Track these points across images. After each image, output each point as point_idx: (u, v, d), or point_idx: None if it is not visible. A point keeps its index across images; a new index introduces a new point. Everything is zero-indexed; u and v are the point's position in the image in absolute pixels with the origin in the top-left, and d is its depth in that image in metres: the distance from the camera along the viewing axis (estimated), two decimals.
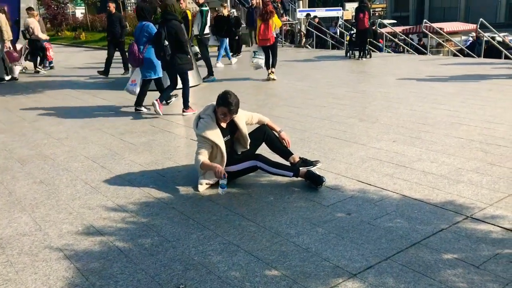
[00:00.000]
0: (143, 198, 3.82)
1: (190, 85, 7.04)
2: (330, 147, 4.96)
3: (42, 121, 6.86)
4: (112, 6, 11.31)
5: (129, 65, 9.88)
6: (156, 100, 6.72)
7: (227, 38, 12.98)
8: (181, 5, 10.46)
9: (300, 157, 4.21)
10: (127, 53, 8.28)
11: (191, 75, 9.17)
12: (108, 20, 11.57)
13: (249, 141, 4.11)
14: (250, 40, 15.90)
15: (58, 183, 4.27)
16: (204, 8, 10.32)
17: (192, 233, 3.16)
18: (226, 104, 3.77)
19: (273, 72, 9.83)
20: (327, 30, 18.59)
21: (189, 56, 6.81)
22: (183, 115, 6.87)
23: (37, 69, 12.50)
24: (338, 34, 19.66)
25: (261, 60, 9.66)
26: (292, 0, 21.31)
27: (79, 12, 27.41)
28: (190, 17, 10.42)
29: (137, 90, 7.22)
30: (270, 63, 9.79)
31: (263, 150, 4.23)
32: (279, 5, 21.77)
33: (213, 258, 2.82)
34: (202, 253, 2.88)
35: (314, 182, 3.85)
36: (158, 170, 4.48)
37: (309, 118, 6.28)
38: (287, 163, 4.11)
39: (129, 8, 27.39)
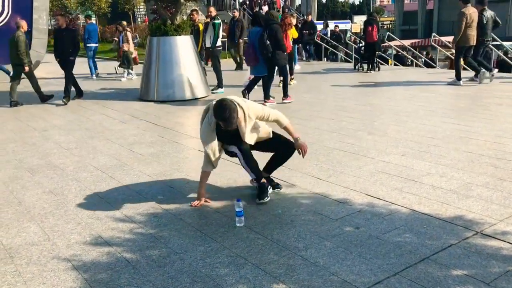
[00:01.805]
0: (151, 209, 3.83)
1: (196, 96, 8.78)
2: (339, 160, 4.95)
3: (51, 130, 6.92)
4: (61, 20, 9.69)
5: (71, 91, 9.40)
6: (265, 101, 8.29)
7: None
8: (193, 16, 10.58)
9: (269, 179, 4.13)
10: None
11: (199, 87, 9.26)
12: (56, 37, 9.64)
13: (248, 138, 3.80)
14: (232, 56, 14.86)
15: (67, 193, 4.29)
16: (216, 21, 10.41)
17: (200, 245, 3.15)
18: (221, 119, 3.52)
19: (292, 79, 10.70)
20: (337, 44, 18.55)
21: (285, 53, 8.31)
22: (283, 102, 8.43)
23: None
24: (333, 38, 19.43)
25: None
26: (299, 12, 21.45)
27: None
28: (201, 30, 10.53)
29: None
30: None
31: (263, 156, 4.23)
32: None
33: (220, 270, 2.82)
34: (209, 266, 2.88)
35: (270, 185, 4.03)
36: (166, 181, 4.49)
37: (317, 131, 6.28)
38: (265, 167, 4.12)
39: (139, 20, 27.68)
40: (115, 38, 14.60)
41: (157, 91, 9.20)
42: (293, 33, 10.50)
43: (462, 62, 10.28)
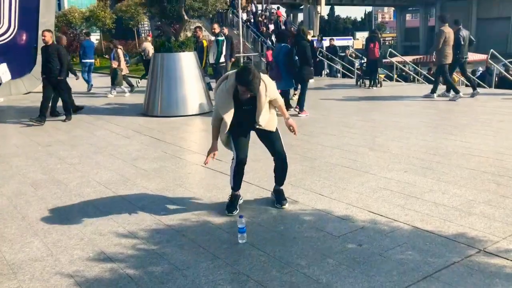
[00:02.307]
0: (154, 225, 3.84)
1: (199, 112, 9.09)
2: (341, 176, 4.97)
3: (55, 145, 6.96)
4: (48, 36, 8.79)
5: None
6: (298, 111, 8.72)
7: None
8: (198, 34, 10.71)
9: (279, 190, 4.20)
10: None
11: (202, 103, 9.32)
12: (43, 54, 8.99)
13: (262, 117, 3.81)
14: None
15: (70, 208, 4.31)
16: (219, 38, 10.53)
17: (202, 262, 3.16)
18: (243, 83, 3.51)
19: (295, 94, 10.70)
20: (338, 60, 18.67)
21: (312, 68, 8.87)
22: (299, 116, 8.59)
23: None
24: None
25: None
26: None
27: (94, 38, 28.04)
28: (205, 46, 10.64)
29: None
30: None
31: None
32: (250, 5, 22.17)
33: (223, 287, 2.82)
34: (212, 282, 2.88)
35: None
36: (169, 197, 4.51)
37: (319, 147, 6.31)
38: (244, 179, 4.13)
39: (143, 35, 27.93)
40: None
41: (161, 106, 9.27)
42: None
43: (439, 78, 10.72)
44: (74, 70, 10.95)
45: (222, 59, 10.70)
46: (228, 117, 3.74)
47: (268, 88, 3.76)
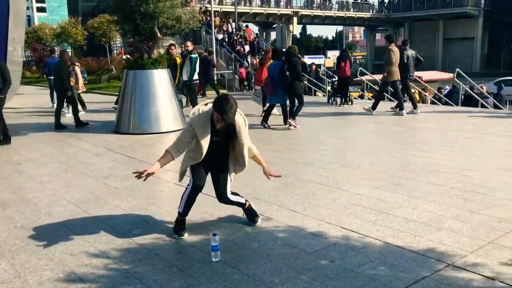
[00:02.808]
0: (126, 244, 3.79)
1: (172, 129, 9.00)
2: (314, 192, 5.02)
3: (25, 164, 6.80)
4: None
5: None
6: (289, 119, 9.24)
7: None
8: (171, 51, 10.72)
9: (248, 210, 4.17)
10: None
11: (175, 120, 9.30)
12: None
13: (243, 154, 3.83)
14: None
15: (40, 228, 4.21)
16: (193, 55, 10.57)
17: (175, 281, 3.13)
18: (220, 111, 3.49)
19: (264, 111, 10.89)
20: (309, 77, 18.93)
21: (302, 84, 9.55)
22: (289, 125, 9.23)
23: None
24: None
25: (258, 98, 11.24)
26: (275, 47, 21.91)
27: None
28: (178, 64, 10.66)
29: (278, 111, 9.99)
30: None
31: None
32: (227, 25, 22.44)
33: None
34: None
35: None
36: (141, 215, 4.46)
37: (292, 163, 6.36)
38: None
39: (115, 52, 27.76)
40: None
41: (133, 123, 9.19)
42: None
43: (368, 94, 11.27)
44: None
45: (196, 77, 10.72)
46: (205, 143, 3.70)
47: (247, 124, 3.82)
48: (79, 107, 12.01)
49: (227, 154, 3.93)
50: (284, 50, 10.52)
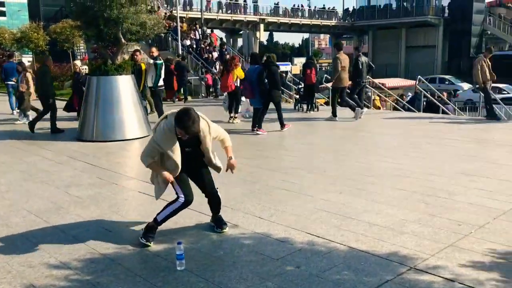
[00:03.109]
0: (88, 254, 3.69)
1: (137, 136, 8.95)
2: (280, 199, 5.03)
3: None
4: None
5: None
6: (256, 129, 9.41)
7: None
8: (136, 57, 10.59)
9: (218, 216, 4.18)
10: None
11: (140, 126, 9.18)
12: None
13: (211, 159, 3.92)
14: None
15: None
16: (158, 61, 10.47)
17: None
18: (181, 125, 3.48)
19: (235, 117, 11.06)
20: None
21: (279, 92, 9.87)
22: (281, 130, 9.56)
23: None
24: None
25: (224, 104, 11.48)
26: (241, 53, 21.99)
27: (26, 60, 26.88)
28: (143, 70, 10.53)
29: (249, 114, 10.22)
30: (233, 108, 11.11)
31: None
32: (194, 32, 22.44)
33: None
34: None
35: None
36: (104, 225, 4.36)
37: (259, 170, 6.37)
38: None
39: (78, 58, 27.20)
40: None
41: (96, 131, 9.01)
42: (239, 73, 10.90)
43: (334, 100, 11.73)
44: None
45: (161, 83, 10.62)
46: (177, 156, 3.70)
47: (211, 128, 3.81)
48: (23, 116, 11.73)
49: (203, 157, 3.97)
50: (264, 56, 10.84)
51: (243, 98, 11.85)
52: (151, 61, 10.76)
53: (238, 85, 11.01)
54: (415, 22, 48.65)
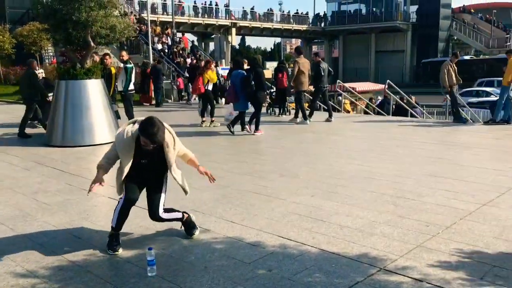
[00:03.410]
0: (56, 262, 3.61)
1: (107, 141, 8.62)
2: (252, 202, 5.04)
3: None
4: None
5: None
6: (254, 131, 9.80)
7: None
8: (106, 61, 10.46)
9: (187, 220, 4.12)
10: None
11: (110, 131, 9.04)
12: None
13: (173, 175, 3.83)
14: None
15: None
16: (128, 65, 10.35)
17: None
18: (145, 133, 3.44)
19: (204, 121, 11.18)
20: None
21: (265, 93, 10.21)
22: (254, 134, 9.71)
23: None
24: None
25: (199, 109, 11.76)
26: (213, 57, 21.95)
27: None
28: (113, 74, 10.40)
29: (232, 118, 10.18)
30: (208, 112, 11.27)
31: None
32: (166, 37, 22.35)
33: None
34: None
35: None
36: (73, 231, 4.28)
37: (231, 174, 6.36)
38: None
39: (46, 61, 26.64)
40: None
41: (65, 136, 8.84)
42: (211, 77, 11.01)
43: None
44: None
45: (131, 87, 10.50)
46: (127, 165, 3.66)
47: (176, 141, 3.76)
48: None
49: (161, 172, 3.90)
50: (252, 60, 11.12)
51: (223, 101, 12.03)
52: (121, 65, 10.64)
53: (210, 89, 11.08)
54: (384, 27, 49.66)
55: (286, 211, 4.70)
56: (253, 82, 9.46)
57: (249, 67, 9.89)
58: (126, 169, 3.69)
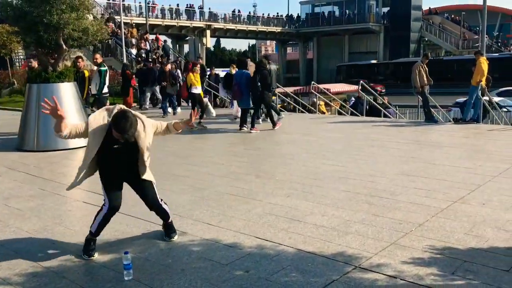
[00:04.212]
0: (30, 268, 3.55)
1: (80, 146, 8.20)
2: (229, 204, 5.05)
3: None
4: None
5: None
6: (252, 129, 10.40)
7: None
8: (79, 64, 10.31)
9: (168, 224, 4.10)
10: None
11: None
12: None
13: (143, 161, 3.71)
14: None
15: None
16: (102, 68, 10.23)
17: None
18: (119, 130, 3.37)
19: (199, 122, 11.29)
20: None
21: (270, 93, 10.67)
22: (250, 132, 10.30)
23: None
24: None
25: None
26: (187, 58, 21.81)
27: None
28: (87, 76, 10.27)
29: (239, 114, 11.10)
30: (208, 113, 11.99)
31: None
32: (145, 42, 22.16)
33: None
34: None
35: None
36: (47, 237, 4.21)
37: (208, 176, 6.36)
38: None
39: (17, 65, 26.08)
40: None
41: (38, 140, 8.68)
42: (192, 80, 11.25)
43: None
44: None
45: (106, 90, 10.38)
46: (93, 149, 3.54)
47: (146, 125, 3.66)
48: None
49: (135, 158, 3.74)
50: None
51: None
52: (95, 67, 10.50)
53: (197, 92, 11.33)
54: (357, 29, 50.33)
55: (263, 212, 4.74)
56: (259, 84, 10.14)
57: (257, 68, 10.51)
58: (89, 160, 3.57)
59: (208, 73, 17.04)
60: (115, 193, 3.73)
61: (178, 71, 16.64)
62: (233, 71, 13.69)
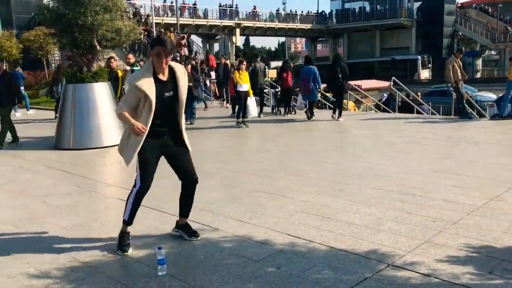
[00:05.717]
0: (68, 263, 3.67)
1: (115, 143, 7.60)
2: (259, 202, 5.07)
3: None
4: None
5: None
6: (339, 117, 11.68)
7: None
8: (112, 64, 10.54)
9: (187, 223, 4.11)
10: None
11: (118, 133, 9.10)
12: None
13: (182, 112, 3.76)
14: None
15: None
16: (135, 68, 10.42)
17: None
18: (159, 42, 3.50)
19: (243, 121, 11.31)
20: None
21: (347, 83, 12.18)
22: (338, 120, 11.64)
23: None
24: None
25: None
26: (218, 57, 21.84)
27: None
28: (120, 76, 10.48)
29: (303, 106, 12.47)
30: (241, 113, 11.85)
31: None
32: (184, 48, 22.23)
33: None
34: None
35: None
36: (84, 233, 4.33)
37: (237, 174, 6.40)
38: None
39: (53, 65, 26.82)
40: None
41: (74, 139, 8.93)
42: (236, 78, 11.54)
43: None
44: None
45: None
46: (151, 92, 3.51)
47: (186, 76, 3.80)
48: None
49: (179, 118, 3.77)
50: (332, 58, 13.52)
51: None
52: (128, 67, 10.71)
53: (242, 90, 11.36)
54: (389, 24, 49.49)
55: (294, 209, 4.73)
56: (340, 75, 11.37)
57: (333, 62, 11.91)
58: (153, 96, 3.52)
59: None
60: (150, 172, 3.73)
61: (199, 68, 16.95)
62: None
